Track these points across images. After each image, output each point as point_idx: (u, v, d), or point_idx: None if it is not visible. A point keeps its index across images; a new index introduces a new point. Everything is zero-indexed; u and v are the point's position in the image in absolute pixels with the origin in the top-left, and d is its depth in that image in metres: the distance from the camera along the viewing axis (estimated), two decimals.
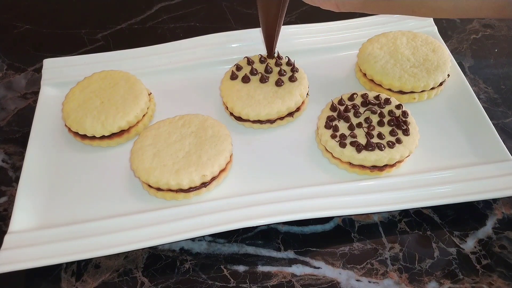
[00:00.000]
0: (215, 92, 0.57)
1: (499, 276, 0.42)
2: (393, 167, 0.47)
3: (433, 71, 0.53)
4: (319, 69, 0.59)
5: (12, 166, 0.53)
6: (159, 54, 0.60)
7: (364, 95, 0.51)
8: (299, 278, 0.42)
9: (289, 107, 0.51)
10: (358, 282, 0.42)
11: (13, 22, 0.71)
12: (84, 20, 0.71)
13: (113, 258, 0.44)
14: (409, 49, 0.55)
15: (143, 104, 0.52)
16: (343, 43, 0.61)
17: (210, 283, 0.42)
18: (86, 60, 0.60)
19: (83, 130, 0.50)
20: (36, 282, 0.43)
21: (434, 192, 0.45)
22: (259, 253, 0.44)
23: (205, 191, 0.47)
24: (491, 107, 0.56)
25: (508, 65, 0.61)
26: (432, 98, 0.55)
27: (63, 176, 0.50)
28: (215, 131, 0.48)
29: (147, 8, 0.73)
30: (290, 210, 0.44)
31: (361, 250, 0.44)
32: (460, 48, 0.64)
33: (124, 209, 0.46)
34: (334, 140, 0.47)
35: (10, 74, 0.63)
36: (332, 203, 0.45)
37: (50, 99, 0.57)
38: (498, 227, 0.45)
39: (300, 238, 0.45)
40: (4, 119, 0.58)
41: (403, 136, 0.47)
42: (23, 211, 0.46)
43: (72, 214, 0.46)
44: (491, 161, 0.47)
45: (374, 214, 0.47)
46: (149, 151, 0.47)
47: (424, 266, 0.43)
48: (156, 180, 0.45)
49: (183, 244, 0.45)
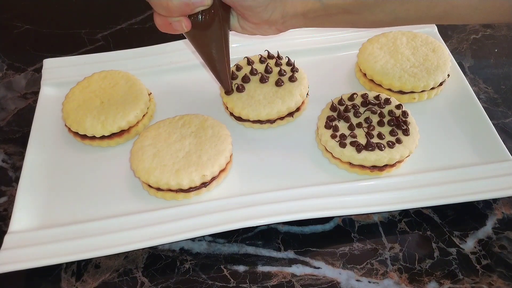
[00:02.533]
0: (215, 92, 0.57)
1: (499, 276, 0.42)
2: (393, 167, 0.47)
3: (433, 71, 0.53)
4: (319, 69, 0.59)
5: (12, 166, 0.53)
6: (159, 54, 0.60)
7: (364, 95, 0.51)
8: (299, 278, 0.42)
9: (289, 107, 0.51)
10: (358, 282, 0.42)
11: (13, 22, 0.71)
12: (84, 20, 0.71)
13: (113, 258, 0.44)
14: (409, 49, 0.55)
15: (143, 104, 0.52)
16: (343, 43, 0.61)
17: (210, 283, 0.42)
18: (86, 60, 0.60)
19: (83, 130, 0.50)
20: (36, 282, 0.43)
21: (434, 192, 0.45)
22: (259, 253, 0.44)
23: (205, 191, 0.47)
24: (491, 107, 0.56)
25: (508, 65, 0.61)
26: (432, 98, 0.55)
27: (63, 176, 0.50)
28: (215, 131, 0.48)
29: (147, 8, 0.73)
30: (290, 210, 0.44)
31: (361, 250, 0.44)
32: (460, 48, 0.64)
33: (124, 209, 0.46)
34: (334, 140, 0.47)
35: (10, 74, 0.63)
36: (332, 203, 0.45)
37: (50, 99, 0.57)
38: (498, 227, 0.45)
39: (300, 238, 0.45)
40: (4, 119, 0.58)
41: (403, 136, 0.47)
42: (23, 211, 0.46)
43: (72, 214, 0.46)
44: (491, 161, 0.47)
45: (374, 214, 0.46)
46: (149, 151, 0.47)
47: (424, 266, 0.43)
48: (156, 180, 0.45)
49: (183, 244, 0.45)
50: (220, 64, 0.47)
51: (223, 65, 0.47)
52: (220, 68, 0.47)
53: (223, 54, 0.46)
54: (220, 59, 0.46)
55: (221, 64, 0.47)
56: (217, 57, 0.46)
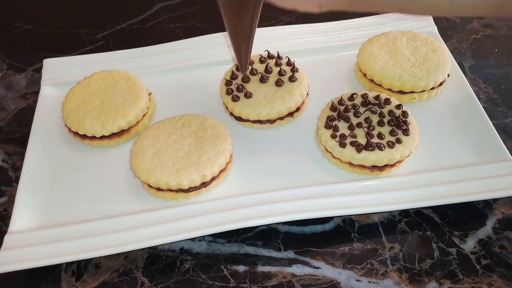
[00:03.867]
0: (215, 92, 0.57)
1: (499, 276, 0.42)
2: (393, 167, 0.47)
3: (433, 71, 0.53)
4: (319, 69, 0.59)
5: (12, 166, 0.53)
6: (159, 54, 0.60)
7: (364, 95, 0.51)
8: (299, 278, 0.42)
9: (289, 107, 0.51)
10: (358, 282, 0.42)
11: (13, 22, 0.71)
12: (84, 20, 0.71)
13: (113, 258, 0.44)
14: (409, 49, 0.55)
15: (143, 104, 0.52)
16: (343, 43, 0.61)
17: (210, 283, 0.42)
18: (86, 60, 0.60)
19: (83, 130, 0.50)
20: (36, 282, 0.43)
21: (434, 192, 0.45)
22: (259, 253, 0.44)
23: (205, 191, 0.47)
24: (491, 107, 0.56)
25: (508, 65, 0.61)
26: (432, 98, 0.55)
27: (63, 176, 0.50)
28: (215, 131, 0.48)
29: (147, 8, 0.73)
30: (290, 210, 0.44)
31: (361, 250, 0.44)
32: (460, 48, 0.64)
33: (124, 209, 0.46)
34: (334, 140, 0.47)
35: (10, 74, 0.63)
36: (332, 203, 0.45)
37: (50, 99, 0.57)
38: (498, 227, 0.45)
39: (300, 238, 0.45)
40: (4, 119, 0.58)
41: (403, 136, 0.47)
42: (23, 211, 0.46)
43: (72, 214, 0.46)
44: (491, 161, 0.47)
45: (374, 214, 0.47)
46: (149, 151, 0.47)
47: (424, 266, 0.43)
48: (156, 180, 0.45)
49: (183, 244, 0.45)
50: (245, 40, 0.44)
51: (247, 43, 0.44)
52: (244, 45, 0.45)
53: (250, 30, 0.43)
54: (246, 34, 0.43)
55: (246, 40, 0.44)
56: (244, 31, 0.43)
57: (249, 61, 0.48)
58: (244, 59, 0.46)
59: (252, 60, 0.55)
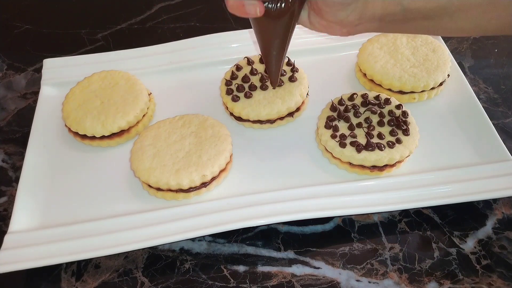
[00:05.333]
0: (215, 92, 0.57)
1: (499, 276, 0.42)
2: (393, 167, 0.47)
3: (433, 71, 0.53)
4: (319, 69, 0.59)
5: (12, 166, 0.53)
6: (159, 54, 0.60)
7: (364, 95, 0.51)
8: (299, 278, 0.42)
9: (289, 107, 0.51)
10: (358, 282, 0.42)
11: (13, 22, 0.71)
12: (84, 20, 0.71)
13: (113, 258, 0.44)
14: (409, 49, 0.55)
15: (143, 104, 0.52)
16: (343, 43, 0.61)
17: (210, 283, 0.42)
18: (86, 60, 0.60)
19: (83, 130, 0.50)
20: (36, 282, 0.43)
21: (434, 192, 0.45)
22: (259, 253, 0.44)
23: (205, 191, 0.47)
24: (491, 107, 0.56)
25: (508, 65, 0.61)
26: (432, 98, 0.55)
27: (63, 176, 0.50)
28: (215, 131, 0.48)
29: (147, 8, 0.73)
30: (290, 210, 0.44)
31: (361, 250, 0.44)
32: (460, 48, 0.64)
33: (124, 209, 0.46)
34: (334, 140, 0.47)
35: (10, 74, 0.63)
36: (332, 203, 0.45)
37: (50, 99, 0.57)
38: (498, 227, 0.45)
39: (300, 238, 0.45)
40: (4, 119, 0.58)
41: (403, 136, 0.47)
42: (23, 211, 0.46)
43: (72, 214, 0.46)
44: (491, 161, 0.47)
45: (374, 214, 0.47)
46: (149, 151, 0.47)
47: (424, 266, 0.43)
48: (156, 180, 0.45)
49: (183, 244, 0.45)
50: (278, 57, 0.45)
51: (279, 59, 0.45)
52: (276, 62, 0.45)
53: (283, 48, 0.44)
54: (279, 52, 0.44)
55: (278, 57, 0.45)
56: (277, 50, 0.43)
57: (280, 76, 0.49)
58: (274, 74, 0.47)
59: (252, 60, 0.55)
